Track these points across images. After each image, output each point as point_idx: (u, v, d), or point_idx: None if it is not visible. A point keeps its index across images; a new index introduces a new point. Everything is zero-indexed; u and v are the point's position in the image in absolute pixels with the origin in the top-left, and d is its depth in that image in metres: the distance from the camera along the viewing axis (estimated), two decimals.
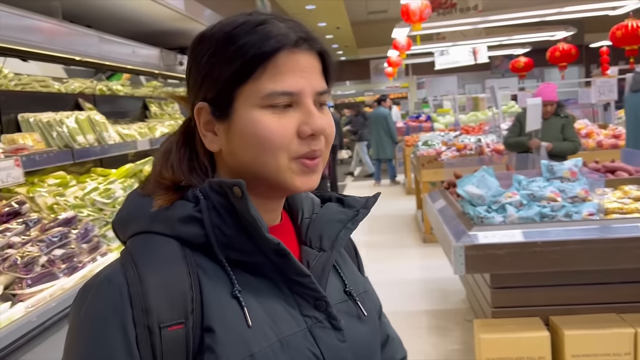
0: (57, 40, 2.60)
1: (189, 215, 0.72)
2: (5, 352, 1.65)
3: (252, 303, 0.71)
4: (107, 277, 0.69)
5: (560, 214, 2.47)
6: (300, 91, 0.73)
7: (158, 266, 0.69)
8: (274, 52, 0.71)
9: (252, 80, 0.72)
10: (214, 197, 0.73)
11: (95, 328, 0.67)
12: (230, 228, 0.72)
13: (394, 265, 5.10)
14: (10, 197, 2.45)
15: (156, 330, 0.66)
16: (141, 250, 0.71)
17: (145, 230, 0.73)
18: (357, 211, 0.84)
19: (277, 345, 0.70)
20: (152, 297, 0.67)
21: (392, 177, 10.08)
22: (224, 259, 0.72)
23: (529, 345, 2.30)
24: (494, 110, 7.08)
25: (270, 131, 0.72)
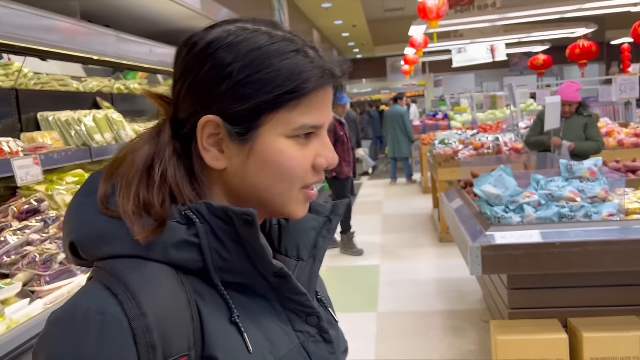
0: (76, 39, 2.63)
1: (184, 240, 0.67)
2: (24, 348, 1.68)
3: (250, 327, 0.70)
4: (96, 308, 0.60)
5: (579, 215, 2.44)
6: (324, 124, 0.73)
7: (159, 297, 0.63)
8: (318, 88, 0.70)
9: (286, 109, 0.69)
10: (214, 222, 0.68)
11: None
12: (230, 253, 0.68)
13: (410, 265, 5.07)
14: (30, 195, 2.49)
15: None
16: (136, 279, 0.63)
17: (129, 255, 0.65)
18: (329, 218, 0.82)
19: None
20: (157, 332, 0.61)
21: (408, 176, 10.03)
22: (219, 282, 0.69)
23: (546, 348, 2.27)
24: (512, 108, 7.00)
25: (295, 162, 0.71)
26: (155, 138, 0.73)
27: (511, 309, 2.47)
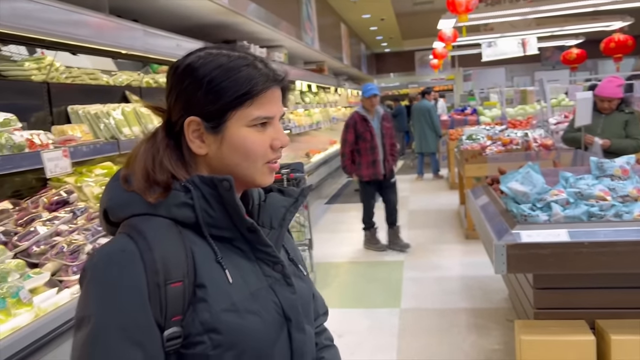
0: (105, 34, 2.67)
1: (182, 202, 0.95)
2: (52, 336, 1.72)
3: (230, 267, 0.96)
4: (119, 248, 0.90)
5: (609, 214, 2.37)
6: (275, 115, 1.01)
7: (162, 238, 0.91)
8: (266, 88, 0.98)
9: (244, 107, 0.97)
10: (203, 188, 0.95)
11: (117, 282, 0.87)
12: (215, 211, 0.96)
13: (435, 261, 5.02)
14: (60, 186, 2.55)
15: (162, 287, 0.88)
16: (147, 227, 0.92)
17: (144, 213, 0.94)
18: (296, 199, 1.11)
19: (250, 296, 0.96)
20: (160, 261, 0.89)
21: (435, 171, 9.92)
22: (208, 234, 0.96)
23: (573, 349, 2.22)
24: (542, 103, 6.85)
25: (255, 145, 0.99)
26: (153, 138, 1.01)
27: (537, 309, 2.42)
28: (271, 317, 0.98)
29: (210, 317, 0.91)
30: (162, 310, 0.88)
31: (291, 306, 1.02)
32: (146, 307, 0.87)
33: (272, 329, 0.98)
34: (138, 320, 0.87)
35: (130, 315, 0.87)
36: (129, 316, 0.87)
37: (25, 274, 1.83)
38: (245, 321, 0.94)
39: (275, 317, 0.99)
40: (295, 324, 1.02)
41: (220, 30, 5.20)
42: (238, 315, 0.93)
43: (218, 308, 0.91)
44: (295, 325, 1.02)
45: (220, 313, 0.91)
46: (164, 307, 0.88)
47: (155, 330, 0.88)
